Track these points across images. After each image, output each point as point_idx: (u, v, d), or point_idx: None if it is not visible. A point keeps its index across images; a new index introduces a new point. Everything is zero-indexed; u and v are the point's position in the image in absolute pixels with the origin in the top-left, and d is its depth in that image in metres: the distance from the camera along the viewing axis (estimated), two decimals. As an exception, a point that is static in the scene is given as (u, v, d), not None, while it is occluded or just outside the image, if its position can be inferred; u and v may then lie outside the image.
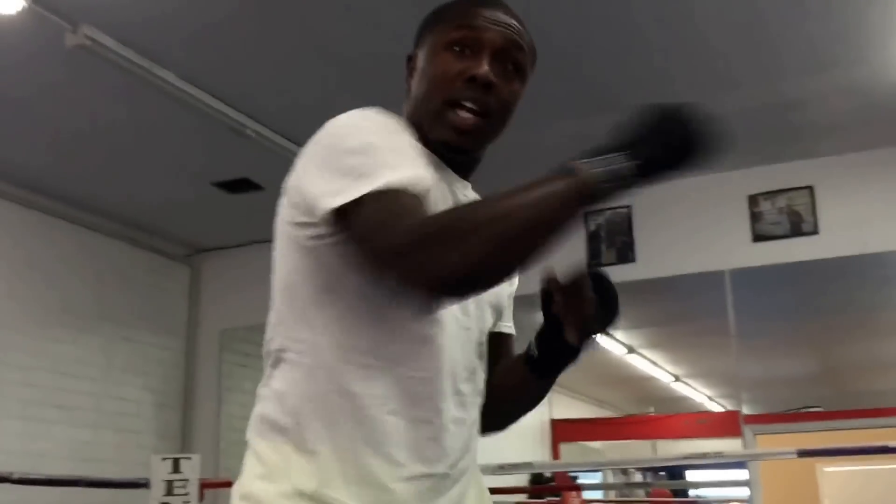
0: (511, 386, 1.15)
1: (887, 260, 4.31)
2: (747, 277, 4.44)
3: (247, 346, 5.70)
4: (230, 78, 3.51)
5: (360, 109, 1.03)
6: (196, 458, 4.14)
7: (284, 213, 1.05)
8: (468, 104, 1.04)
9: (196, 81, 3.47)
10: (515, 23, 1.09)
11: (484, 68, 1.04)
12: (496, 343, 1.18)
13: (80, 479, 4.15)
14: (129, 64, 3.19)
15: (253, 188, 4.64)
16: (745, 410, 4.48)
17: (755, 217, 4.40)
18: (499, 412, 1.16)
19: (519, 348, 1.18)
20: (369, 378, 0.98)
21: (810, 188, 4.33)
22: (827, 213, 4.28)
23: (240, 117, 3.74)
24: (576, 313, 1.02)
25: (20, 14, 2.88)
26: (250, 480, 1.00)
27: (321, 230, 0.98)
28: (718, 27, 3.24)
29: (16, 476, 3.70)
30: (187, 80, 3.43)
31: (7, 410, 4.38)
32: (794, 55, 3.45)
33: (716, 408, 6.57)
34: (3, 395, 4.38)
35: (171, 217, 5.19)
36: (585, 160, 0.90)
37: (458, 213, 0.96)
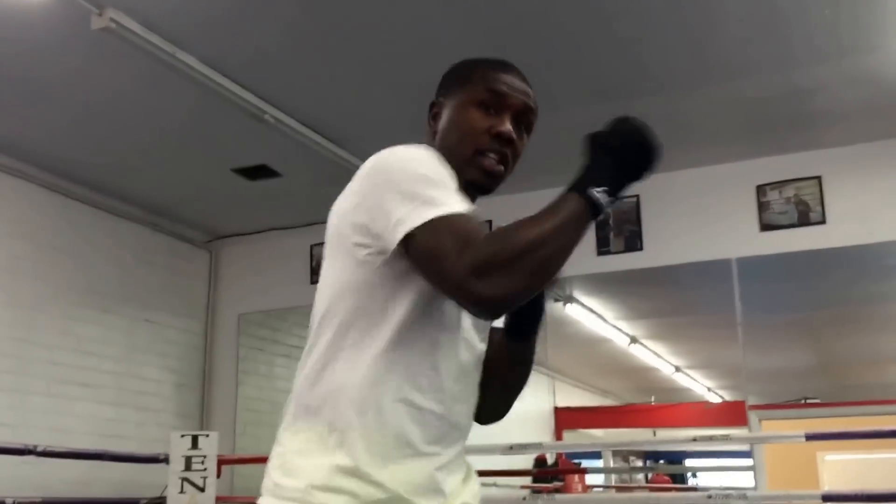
0: (499, 363, 1.32)
1: (894, 250, 4.35)
2: (754, 267, 4.49)
3: (263, 330, 5.83)
4: (251, 64, 3.58)
5: (414, 145, 1.21)
6: (214, 435, 4.27)
7: (344, 229, 1.19)
8: (493, 155, 1.26)
9: (218, 67, 3.54)
10: (529, 89, 1.31)
11: (507, 126, 1.27)
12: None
13: (102, 453, 4.28)
14: (152, 48, 3.26)
15: (271, 175, 4.71)
16: (749, 401, 4.53)
17: (763, 207, 4.45)
18: (497, 395, 1.33)
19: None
20: (389, 371, 1.16)
21: (818, 178, 4.36)
22: (835, 203, 4.32)
23: (260, 103, 3.81)
24: None
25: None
26: (289, 456, 1.17)
27: (377, 250, 1.15)
28: (728, 15, 3.22)
29: (40, 449, 3.84)
30: (209, 66, 3.50)
31: (33, 387, 4.51)
32: (806, 44, 3.42)
33: (716, 399, 6.62)
34: (29, 373, 4.51)
35: (191, 203, 5.29)
36: (589, 181, 1.10)
37: (502, 243, 1.07)
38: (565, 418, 6.10)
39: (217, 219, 5.60)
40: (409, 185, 1.12)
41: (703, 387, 6.81)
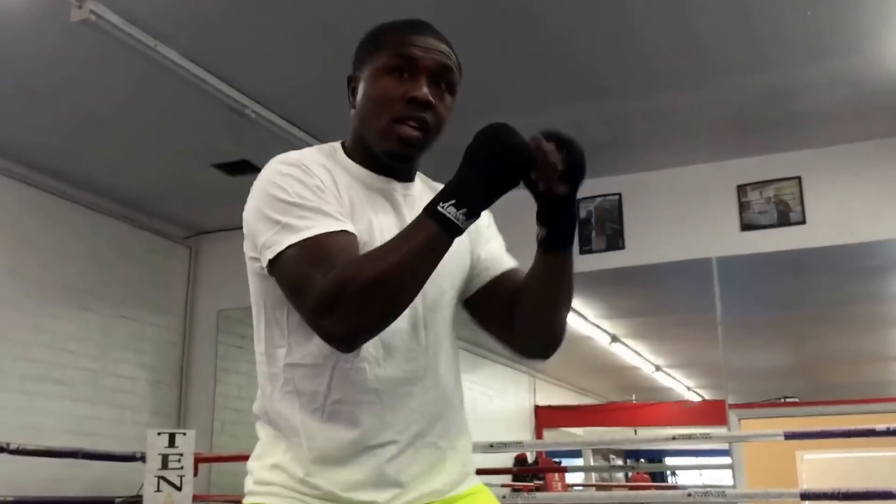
0: (538, 282, 1.21)
1: (873, 250, 4.38)
2: (734, 266, 4.51)
3: (243, 328, 5.77)
4: (232, 58, 3.54)
5: (284, 159, 1.19)
6: (191, 433, 4.22)
7: (245, 244, 1.21)
8: (410, 122, 1.20)
9: (199, 60, 3.50)
10: (445, 46, 1.24)
11: (423, 90, 1.19)
12: (503, 283, 1.30)
13: (77, 452, 4.21)
14: (132, 41, 3.21)
15: (252, 170, 4.66)
16: (728, 400, 4.55)
17: (743, 207, 4.47)
18: (542, 323, 1.23)
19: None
20: (316, 375, 1.16)
21: (798, 179, 4.39)
22: (814, 204, 4.35)
23: (240, 98, 3.78)
24: (550, 167, 1.10)
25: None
26: (250, 461, 1.24)
27: (262, 264, 1.16)
28: (711, 15, 3.24)
29: (13, 447, 3.77)
30: (190, 59, 3.46)
31: (6, 384, 4.44)
32: (787, 45, 3.44)
33: (696, 398, 6.67)
34: (2, 369, 4.43)
35: (170, 198, 5.23)
36: (441, 199, 1.06)
37: (349, 278, 1.05)
38: (546, 417, 6.13)
39: (197, 214, 5.54)
40: (270, 209, 1.14)
41: (684, 386, 6.85)
